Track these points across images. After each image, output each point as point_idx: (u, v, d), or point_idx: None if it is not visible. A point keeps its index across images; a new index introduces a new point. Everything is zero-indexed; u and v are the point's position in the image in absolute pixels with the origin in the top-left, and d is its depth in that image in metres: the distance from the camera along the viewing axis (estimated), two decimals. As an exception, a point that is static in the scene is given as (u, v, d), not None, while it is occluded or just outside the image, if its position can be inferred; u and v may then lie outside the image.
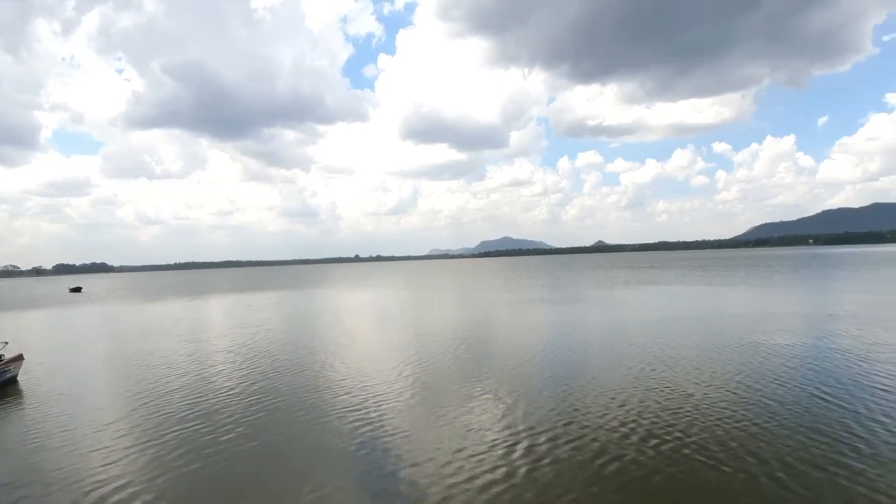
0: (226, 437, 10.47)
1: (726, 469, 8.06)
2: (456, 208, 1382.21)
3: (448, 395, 13.04)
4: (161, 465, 9.12)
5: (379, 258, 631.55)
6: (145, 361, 18.82)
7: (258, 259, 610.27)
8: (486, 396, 12.71)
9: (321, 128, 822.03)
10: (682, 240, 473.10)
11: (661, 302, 34.00)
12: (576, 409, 11.31)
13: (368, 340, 22.24)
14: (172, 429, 11.05)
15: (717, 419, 10.18)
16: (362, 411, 11.81)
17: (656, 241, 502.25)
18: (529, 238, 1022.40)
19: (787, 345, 17.21)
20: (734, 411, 10.69)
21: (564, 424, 10.39)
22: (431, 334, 22.73)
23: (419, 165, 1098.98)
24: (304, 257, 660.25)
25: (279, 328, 26.82)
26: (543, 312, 30.48)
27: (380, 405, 12.24)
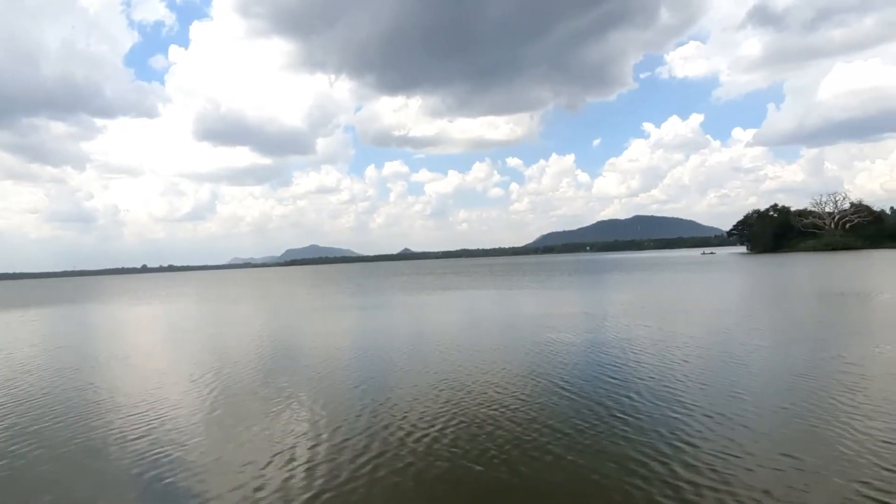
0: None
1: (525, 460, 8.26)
2: (260, 215, 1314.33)
3: (249, 408, 11.85)
4: None
5: (171, 268, 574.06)
6: None
7: (16, 271, 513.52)
8: (290, 406, 11.78)
9: (99, 121, 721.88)
10: (481, 247, 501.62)
11: (462, 305, 35.57)
12: (382, 413, 10.90)
13: (156, 359, 19.46)
14: None
15: (522, 415, 10.54)
16: (152, 433, 10.18)
17: (458, 248, 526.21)
18: (337, 246, 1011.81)
19: (569, 340, 18.62)
20: (532, 404, 11.12)
21: (367, 429, 9.91)
22: (232, 348, 20.95)
23: (218, 168, 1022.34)
24: (79, 268, 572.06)
25: (35, 352, 22.35)
26: (349, 319, 30.32)
27: (173, 425, 10.65)
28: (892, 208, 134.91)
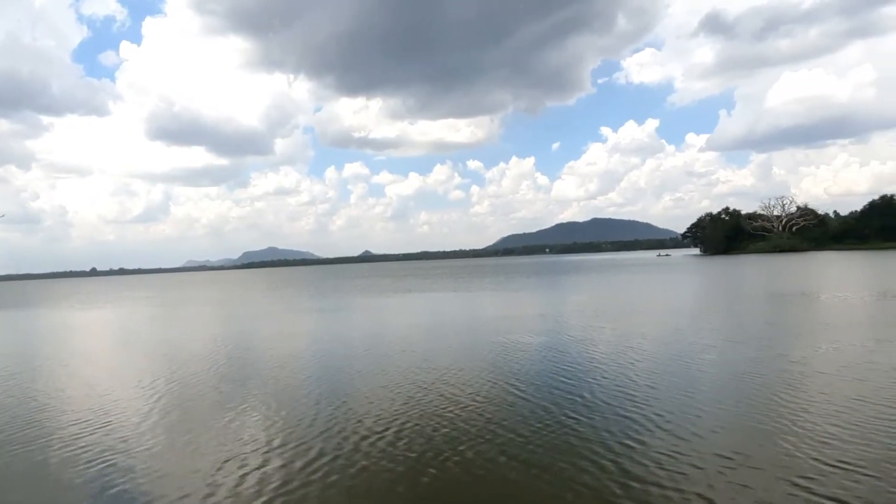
0: None
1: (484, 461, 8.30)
2: (216, 217, 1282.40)
3: (200, 414, 11.53)
4: None
5: (122, 271, 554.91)
6: None
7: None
8: (243, 411, 11.50)
9: (46, 119, 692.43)
10: (442, 249, 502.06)
11: (420, 308, 35.47)
12: (337, 417, 10.78)
13: (103, 365, 18.80)
14: None
15: (478, 417, 10.58)
16: (99, 442, 9.80)
17: (419, 250, 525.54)
18: (296, 248, 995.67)
19: (525, 342, 18.81)
20: (489, 405, 11.19)
21: (322, 433, 9.80)
22: (184, 353, 20.30)
23: (172, 169, 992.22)
24: (22, 272, 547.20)
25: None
26: (306, 322, 29.84)
27: (121, 433, 10.29)
28: (835, 212, 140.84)
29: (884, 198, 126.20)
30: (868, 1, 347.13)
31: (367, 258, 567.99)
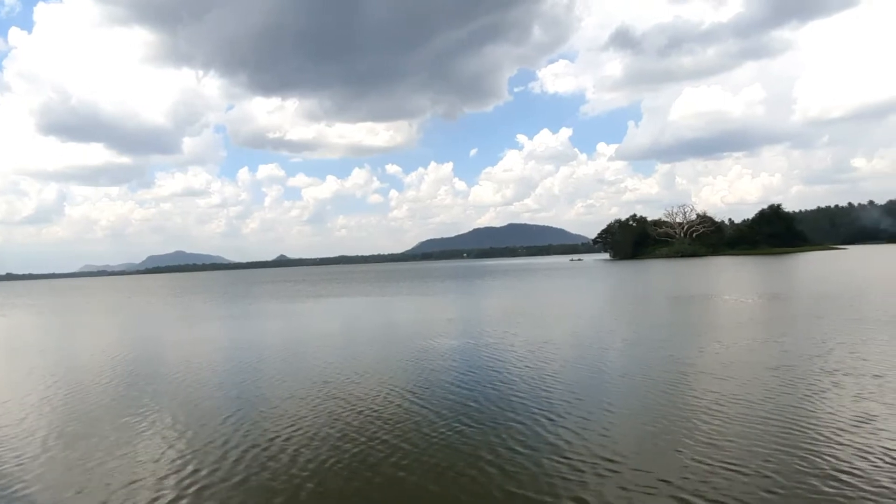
0: None
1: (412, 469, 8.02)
2: (117, 218, 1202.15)
3: (99, 431, 10.59)
4: None
5: (10, 276, 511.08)
6: None
7: None
8: (147, 429, 10.68)
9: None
10: (360, 254, 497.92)
11: (335, 314, 34.79)
12: (244, 428, 10.26)
13: None
14: None
15: (382, 423, 10.31)
16: None
17: (336, 255, 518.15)
18: (206, 252, 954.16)
19: (438, 346, 18.75)
20: (398, 410, 10.97)
21: (227, 444, 9.22)
22: (80, 365, 18.77)
23: (67, 167, 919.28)
24: None
25: None
26: (216, 329, 28.64)
27: (10, 455, 9.43)
28: (729, 219, 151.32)
29: (771, 207, 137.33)
30: (759, 25, 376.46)
31: (282, 263, 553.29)
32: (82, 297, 79.34)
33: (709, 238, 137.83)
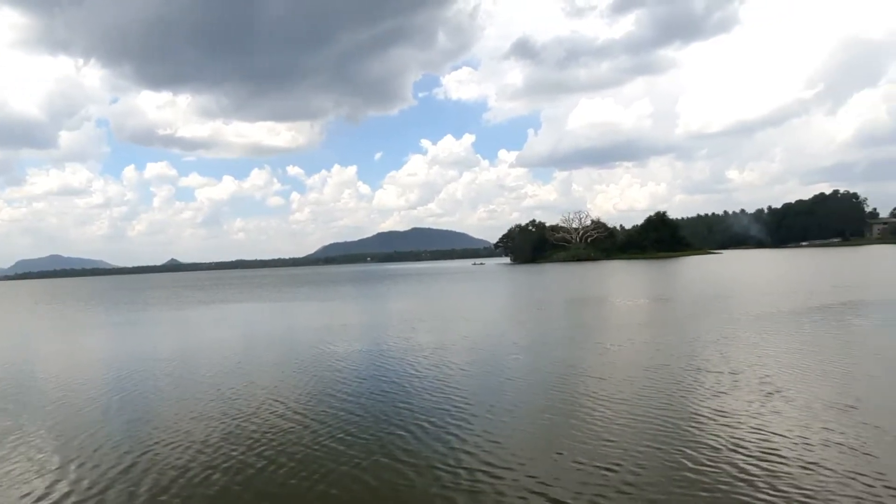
0: None
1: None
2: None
3: None
4: None
5: None
6: None
7: None
8: (18, 449, 9.86)
9: None
10: (259, 258, 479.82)
11: (232, 321, 33.56)
12: (138, 445, 9.64)
13: None
14: None
15: (283, 432, 9.95)
16: None
17: (234, 259, 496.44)
18: (86, 256, 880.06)
19: (343, 351, 18.46)
20: (299, 419, 10.67)
21: (113, 468, 8.52)
22: None
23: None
24: None
25: None
26: (99, 340, 27.02)
27: None
28: (621, 225, 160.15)
29: (657, 214, 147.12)
30: (647, 43, 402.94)
31: (173, 267, 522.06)
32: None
33: (602, 243, 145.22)
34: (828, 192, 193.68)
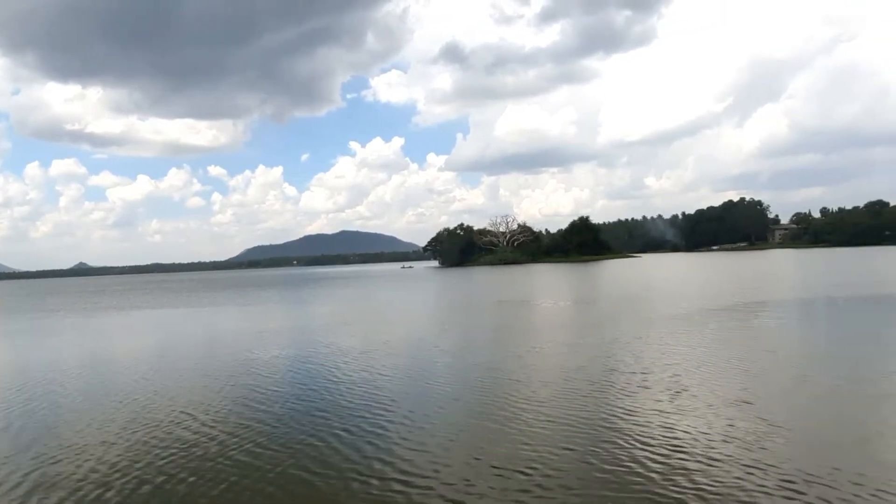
0: None
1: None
2: None
3: None
4: None
5: None
6: None
7: None
8: None
9: None
10: (177, 261, 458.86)
11: (146, 328, 32.15)
12: (34, 460, 8.92)
13: None
14: None
15: (211, 441, 9.39)
16: None
17: (150, 262, 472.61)
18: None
19: (268, 357, 18.05)
20: (225, 428, 10.13)
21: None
22: None
23: None
24: None
25: None
26: None
27: None
28: (546, 230, 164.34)
29: (581, 219, 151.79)
30: (572, 52, 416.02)
31: (82, 271, 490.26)
32: None
33: (528, 247, 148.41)
34: (735, 199, 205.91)
